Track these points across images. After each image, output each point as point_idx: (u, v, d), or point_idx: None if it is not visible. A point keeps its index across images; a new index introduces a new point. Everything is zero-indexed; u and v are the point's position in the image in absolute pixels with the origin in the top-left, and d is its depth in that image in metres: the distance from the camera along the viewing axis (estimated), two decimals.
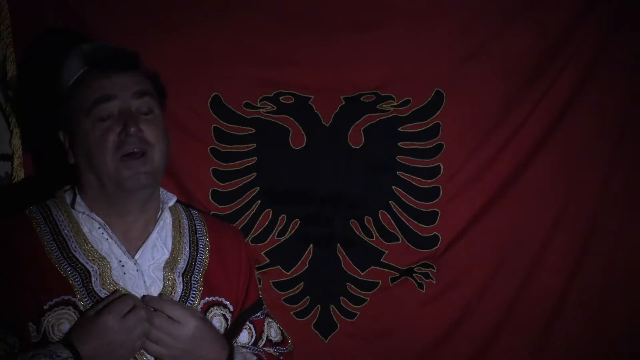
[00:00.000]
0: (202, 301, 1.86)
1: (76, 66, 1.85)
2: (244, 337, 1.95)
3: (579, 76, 2.43)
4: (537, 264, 2.44)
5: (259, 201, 2.39)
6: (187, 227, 1.94)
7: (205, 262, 1.91)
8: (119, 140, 1.77)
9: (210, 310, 1.87)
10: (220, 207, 2.37)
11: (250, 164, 2.40)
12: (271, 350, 1.99)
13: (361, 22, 2.39)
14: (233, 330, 1.93)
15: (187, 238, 1.92)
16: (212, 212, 2.28)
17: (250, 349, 1.93)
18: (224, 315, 1.89)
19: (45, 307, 1.71)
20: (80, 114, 1.80)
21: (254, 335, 1.96)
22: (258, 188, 2.40)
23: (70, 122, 1.83)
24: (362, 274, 2.42)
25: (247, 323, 1.96)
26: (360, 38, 2.39)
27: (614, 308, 2.46)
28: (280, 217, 2.40)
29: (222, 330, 1.88)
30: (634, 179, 2.46)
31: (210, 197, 2.37)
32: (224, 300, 1.90)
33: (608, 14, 2.41)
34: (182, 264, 1.87)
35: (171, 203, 1.91)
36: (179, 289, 1.84)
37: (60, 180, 1.93)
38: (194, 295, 1.85)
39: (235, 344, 1.91)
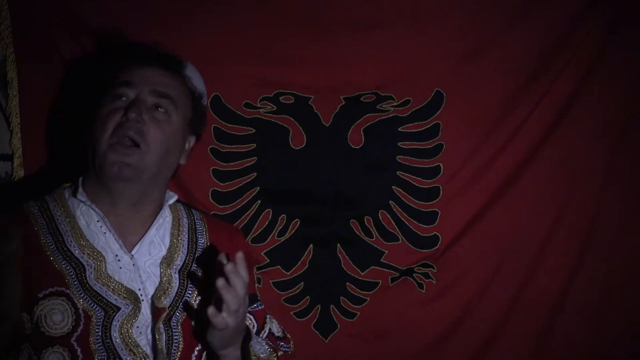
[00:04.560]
0: (198, 297, 1.86)
1: (121, 55, 1.93)
2: None
3: (578, 76, 2.43)
4: (537, 264, 2.44)
5: (259, 201, 2.40)
6: (186, 225, 1.94)
7: (203, 259, 1.91)
8: (119, 123, 1.79)
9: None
10: (220, 207, 2.37)
11: (250, 164, 2.40)
12: (281, 346, 2.00)
13: (361, 22, 2.39)
14: None
15: (186, 236, 1.92)
16: (212, 212, 2.29)
17: (262, 338, 1.95)
18: None
19: (39, 296, 1.72)
20: (102, 93, 1.85)
21: (255, 325, 1.97)
22: (258, 188, 2.40)
23: (94, 101, 1.87)
24: (362, 274, 2.42)
25: (247, 315, 1.96)
26: (360, 38, 2.39)
27: (614, 308, 2.46)
28: (280, 217, 2.40)
29: None
30: (634, 179, 2.46)
31: (210, 197, 2.37)
32: None
33: (608, 14, 2.41)
34: (179, 261, 1.87)
35: (171, 201, 1.92)
36: (175, 285, 1.84)
37: (60, 179, 1.94)
38: (190, 292, 1.86)
39: None
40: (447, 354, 2.44)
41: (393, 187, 2.43)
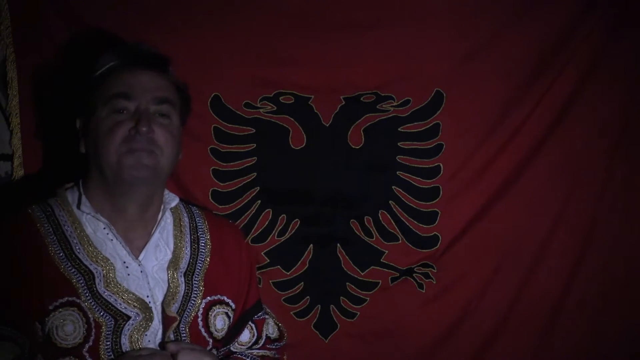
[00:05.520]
0: (203, 300, 1.87)
1: (108, 58, 1.88)
2: (245, 336, 1.98)
3: (578, 76, 2.43)
4: (537, 264, 2.44)
5: (259, 201, 2.40)
6: (187, 225, 1.94)
7: (207, 260, 1.91)
8: (128, 135, 1.79)
9: (212, 310, 1.87)
10: (220, 207, 2.37)
11: (250, 164, 2.40)
12: (268, 352, 2.01)
13: (361, 22, 2.39)
14: (234, 330, 1.95)
15: (188, 237, 1.92)
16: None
17: (246, 356, 1.97)
18: (226, 314, 1.90)
19: (50, 308, 1.71)
20: (98, 102, 1.83)
21: (255, 334, 1.98)
22: (258, 188, 2.40)
23: (87, 110, 1.86)
24: (362, 274, 2.42)
25: (250, 323, 1.99)
26: (360, 38, 2.39)
27: (614, 308, 2.46)
28: (280, 217, 2.40)
29: (225, 328, 1.90)
30: (634, 179, 2.46)
31: (210, 197, 2.37)
32: (225, 298, 1.91)
33: (608, 14, 2.42)
34: (183, 264, 1.88)
35: (173, 204, 1.92)
36: (182, 289, 1.84)
37: (61, 179, 1.94)
38: (195, 295, 1.85)
39: (236, 343, 1.95)
40: (447, 354, 2.44)
41: (393, 187, 2.43)
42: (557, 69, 2.42)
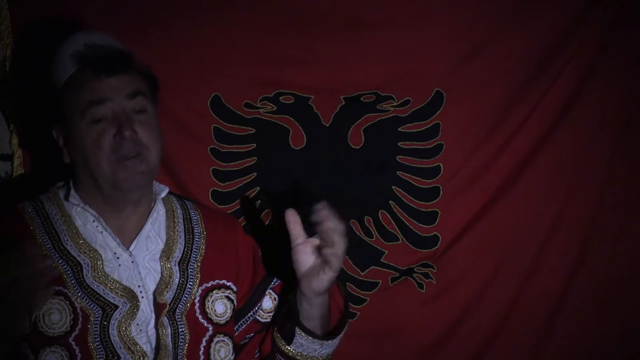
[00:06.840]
0: (200, 288, 1.88)
1: (68, 66, 1.84)
2: (268, 303, 2.01)
3: (579, 76, 2.43)
4: (537, 264, 2.45)
5: (259, 201, 2.40)
6: (181, 216, 1.95)
7: (202, 248, 1.93)
8: (114, 143, 1.77)
9: (210, 295, 1.89)
10: (220, 207, 2.37)
11: (250, 164, 2.40)
12: None
13: (361, 21, 2.39)
14: (253, 302, 1.98)
15: (182, 227, 1.93)
16: None
17: None
18: (227, 297, 1.91)
19: None
20: (74, 115, 1.81)
21: (277, 299, 2.01)
22: (258, 188, 2.40)
23: (64, 122, 1.84)
24: (362, 274, 2.42)
25: (269, 291, 2.01)
26: (360, 38, 2.39)
27: (614, 308, 2.47)
28: (280, 217, 2.40)
29: (228, 311, 1.91)
30: (634, 179, 2.46)
31: (210, 197, 2.37)
32: (225, 282, 1.92)
33: (608, 14, 2.42)
34: (177, 253, 1.89)
35: (163, 194, 1.92)
36: (176, 278, 1.85)
37: (61, 179, 1.94)
38: (191, 283, 1.87)
39: (260, 310, 1.98)
40: (447, 354, 2.44)
41: (393, 187, 2.43)
42: (557, 69, 2.42)
